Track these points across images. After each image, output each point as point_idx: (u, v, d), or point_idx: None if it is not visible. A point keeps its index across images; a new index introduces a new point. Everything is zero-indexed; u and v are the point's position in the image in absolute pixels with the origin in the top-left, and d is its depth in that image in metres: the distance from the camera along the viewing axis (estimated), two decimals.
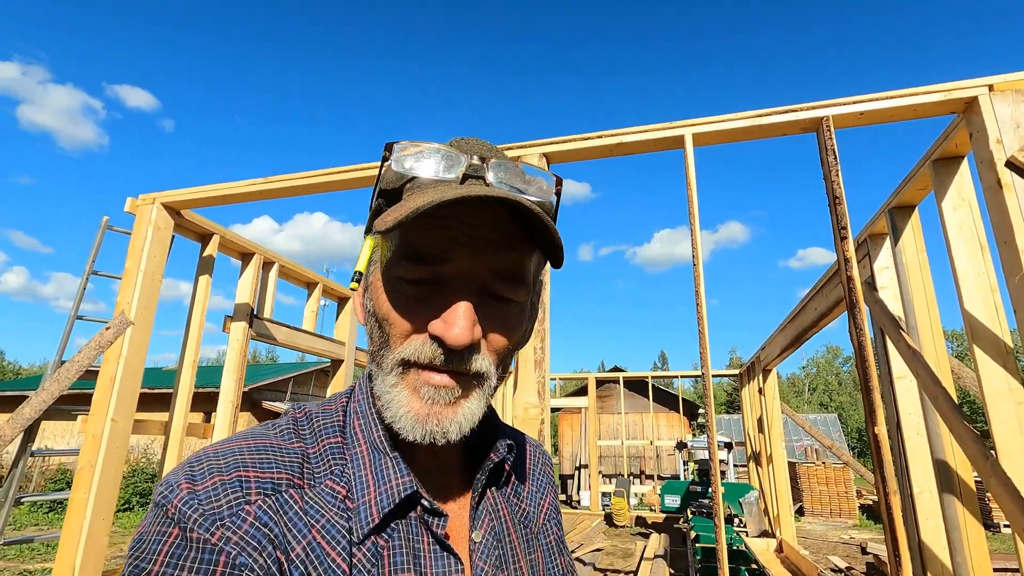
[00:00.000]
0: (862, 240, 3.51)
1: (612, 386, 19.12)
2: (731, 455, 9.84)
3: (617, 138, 2.46)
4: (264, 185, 3.14)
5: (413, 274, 0.50)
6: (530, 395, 2.29)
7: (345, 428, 0.58)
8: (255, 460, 0.50)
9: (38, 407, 3.03)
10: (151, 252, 3.20)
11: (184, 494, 0.45)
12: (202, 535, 0.44)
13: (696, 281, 2.30)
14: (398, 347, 0.52)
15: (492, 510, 0.62)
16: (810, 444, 20.09)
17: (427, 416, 0.51)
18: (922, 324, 2.90)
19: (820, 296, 4.67)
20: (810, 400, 54.55)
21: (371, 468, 0.54)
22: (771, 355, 7.16)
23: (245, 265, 4.08)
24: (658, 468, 17.75)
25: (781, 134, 2.36)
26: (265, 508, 0.47)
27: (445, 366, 0.50)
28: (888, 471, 1.79)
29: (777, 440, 7.85)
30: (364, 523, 0.51)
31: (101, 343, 3.05)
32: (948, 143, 2.41)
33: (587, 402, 11.73)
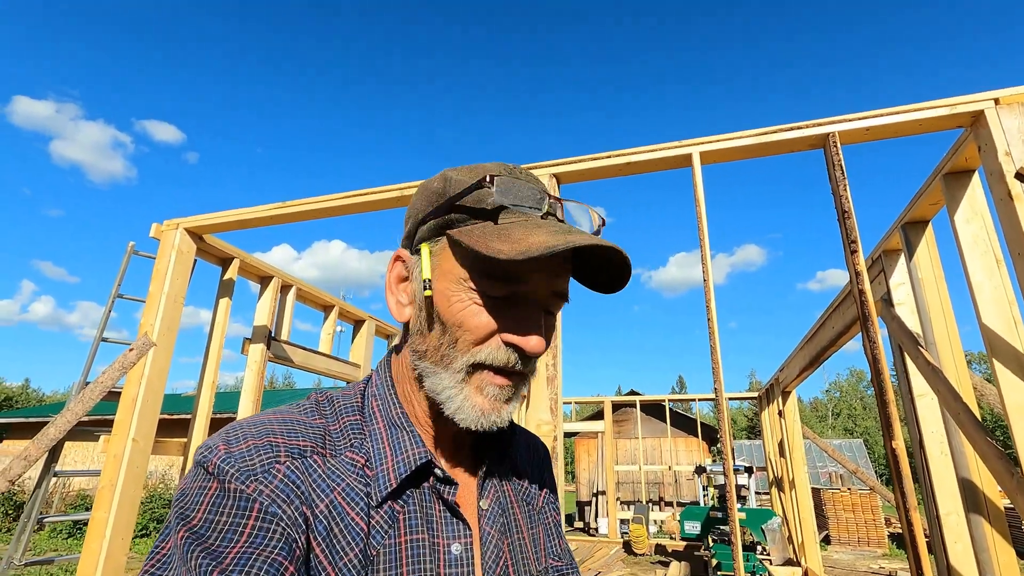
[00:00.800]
0: (877, 256, 3.49)
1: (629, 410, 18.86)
2: (752, 480, 9.60)
3: (626, 158, 2.51)
4: (282, 209, 3.24)
5: (495, 291, 0.57)
6: (543, 412, 2.30)
7: (363, 408, 0.64)
8: (283, 430, 0.56)
9: (63, 427, 3.10)
10: (174, 275, 3.30)
11: (222, 453, 0.51)
12: (238, 487, 0.49)
13: (707, 297, 2.31)
14: (470, 351, 0.58)
15: (497, 484, 0.68)
16: (835, 470, 19.51)
17: (490, 411, 0.58)
18: (940, 340, 2.86)
19: (837, 314, 4.62)
20: (834, 425, 53.10)
21: (388, 441, 0.60)
22: (790, 376, 7.05)
23: (264, 288, 4.17)
24: (677, 494, 17.34)
25: (788, 151, 2.39)
26: (293, 468, 0.53)
27: (513, 370, 0.58)
28: (907, 487, 1.76)
29: (799, 464, 7.66)
30: (382, 487, 0.56)
31: (124, 364, 3.13)
32: (958, 157, 2.42)
33: (603, 426, 11.58)
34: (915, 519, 1.74)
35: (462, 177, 0.60)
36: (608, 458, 11.41)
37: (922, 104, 2.19)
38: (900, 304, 3.25)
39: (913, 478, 2.97)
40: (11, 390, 46.64)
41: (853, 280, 2.10)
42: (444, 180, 0.61)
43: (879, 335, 1.97)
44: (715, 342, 2.18)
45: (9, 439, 18.22)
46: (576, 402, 12.27)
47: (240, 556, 0.47)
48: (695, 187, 2.44)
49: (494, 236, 0.55)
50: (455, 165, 0.66)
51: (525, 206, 0.59)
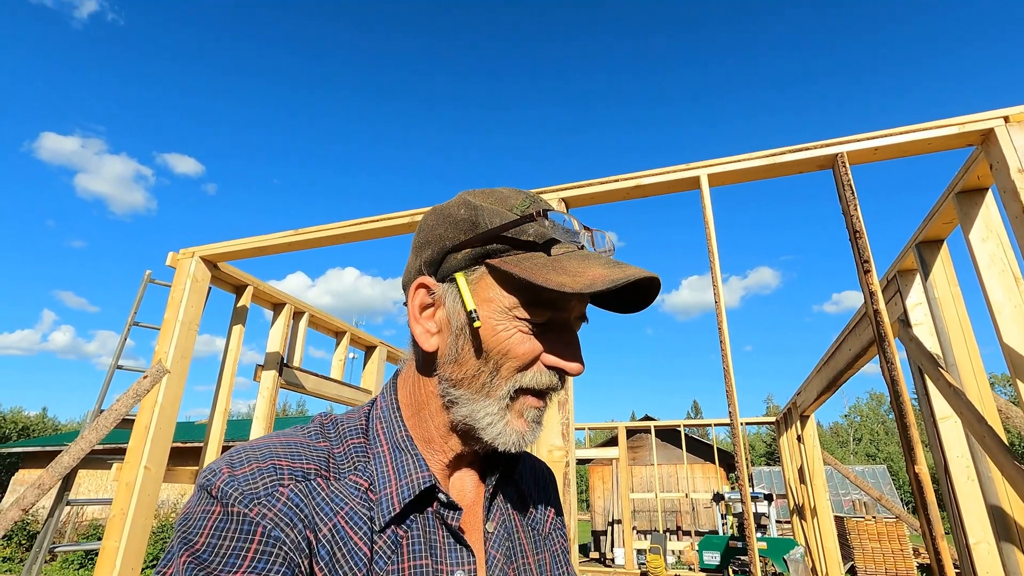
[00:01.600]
0: (892, 277, 3.44)
1: (643, 436, 18.54)
2: (772, 508, 9.33)
3: (633, 181, 2.52)
4: (295, 237, 3.28)
5: (540, 317, 0.59)
6: (554, 437, 2.27)
7: (368, 431, 0.64)
8: (287, 453, 0.56)
9: (76, 455, 3.12)
10: (189, 303, 3.34)
11: (226, 476, 0.52)
12: (242, 510, 0.50)
13: (719, 319, 2.28)
14: (514, 377, 0.59)
15: (503, 507, 0.68)
16: (858, 497, 18.95)
17: (527, 432, 0.60)
18: (961, 360, 2.79)
19: (853, 336, 4.54)
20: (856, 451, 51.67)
21: (392, 464, 0.60)
22: (807, 400, 6.90)
23: (276, 315, 4.21)
24: (695, 523, 16.89)
25: (797, 172, 2.39)
26: (296, 491, 0.53)
27: (552, 391, 0.61)
28: (933, 514, 1.70)
29: (820, 491, 7.44)
30: (385, 512, 0.56)
31: (139, 391, 3.15)
32: (970, 175, 2.40)
33: (618, 453, 11.38)
34: (943, 548, 1.67)
35: (490, 205, 0.61)
36: (623, 486, 11.18)
37: (930, 123, 2.19)
38: (918, 325, 3.19)
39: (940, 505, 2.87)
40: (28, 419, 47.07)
41: (868, 300, 2.07)
42: (471, 208, 0.61)
43: (896, 356, 1.93)
44: (728, 365, 2.15)
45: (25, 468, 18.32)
46: (589, 428, 12.09)
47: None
48: (704, 210, 2.44)
49: (550, 269, 0.57)
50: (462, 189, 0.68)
51: (570, 238, 0.62)
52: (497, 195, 0.63)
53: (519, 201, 0.62)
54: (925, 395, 3.08)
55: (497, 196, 0.63)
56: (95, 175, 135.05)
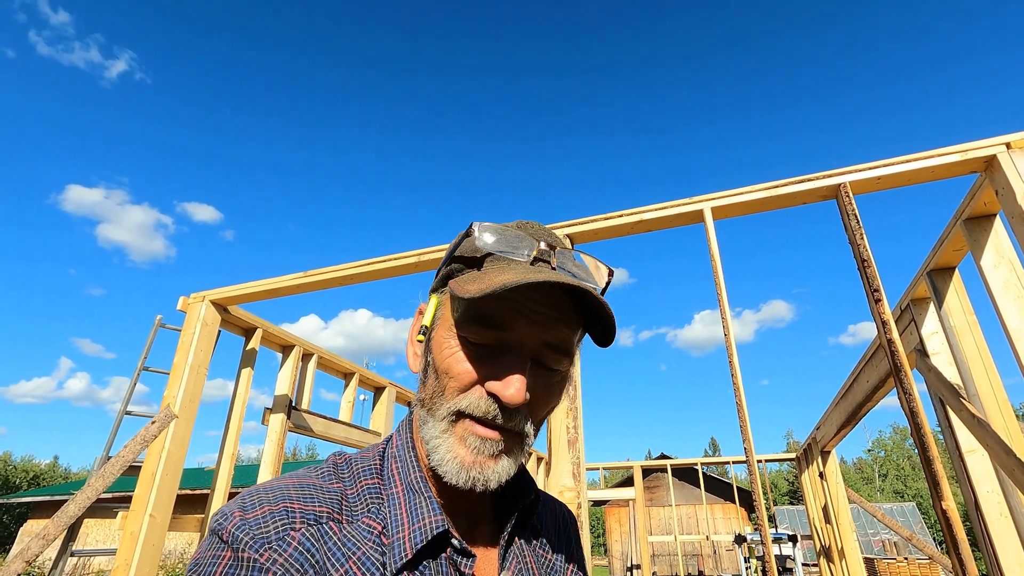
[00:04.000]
0: (905, 306, 3.39)
1: (660, 476, 18.04)
2: (797, 550, 8.96)
3: (637, 216, 2.54)
4: (305, 279, 3.31)
5: (479, 337, 0.57)
6: (565, 477, 2.21)
7: (383, 471, 0.63)
8: (299, 495, 0.55)
9: (83, 504, 3.08)
10: (198, 347, 3.36)
11: (237, 520, 0.51)
12: (252, 555, 0.49)
13: (729, 352, 2.25)
14: (454, 398, 0.57)
15: (519, 555, 0.65)
16: (888, 537, 18.15)
17: (472, 464, 0.56)
18: (983, 390, 2.71)
19: (870, 367, 4.44)
20: (882, 488, 49.82)
21: (406, 508, 0.58)
22: (827, 435, 6.71)
23: (285, 357, 4.21)
24: (718, 567, 16.21)
25: (800, 203, 2.39)
26: (308, 536, 0.52)
27: (495, 422, 0.56)
28: (965, 552, 1.61)
29: (847, 530, 7.14)
30: (398, 558, 0.54)
31: (146, 437, 3.13)
32: (976, 202, 2.39)
33: (634, 493, 11.05)
34: None
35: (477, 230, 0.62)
36: (641, 528, 10.80)
37: (933, 151, 2.19)
38: (936, 354, 3.12)
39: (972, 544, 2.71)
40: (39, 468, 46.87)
41: (880, 330, 2.03)
42: (461, 233, 0.63)
43: (914, 386, 1.88)
44: (740, 398, 2.10)
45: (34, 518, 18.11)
46: (604, 468, 11.79)
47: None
48: (709, 243, 2.44)
49: (472, 280, 0.56)
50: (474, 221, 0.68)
51: (513, 252, 0.59)
52: (500, 227, 0.62)
53: (506, 227, 0.62)
54: (948, 428, 2.99)
55: (499, 227, 0.62)
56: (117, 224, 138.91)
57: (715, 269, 2.39)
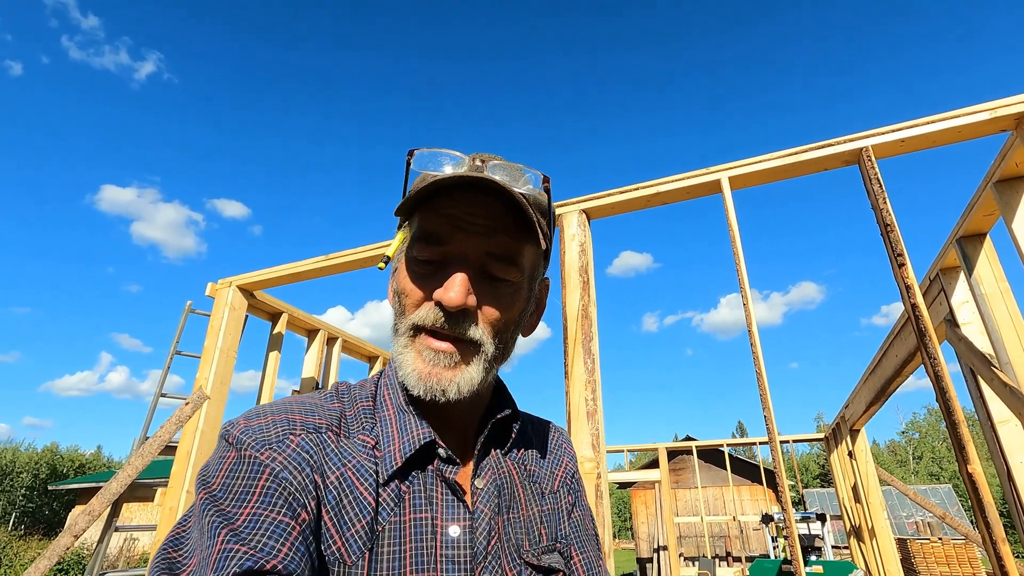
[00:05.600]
0: (934, 276, 3.30)
1: (686, 458, 17.97)
2: (826, 529, 8.86)
3: (653, 188, 2.52)
4: (327, 261, 3.38)
5: (424, 254, 0.61)
6: (585, 448, 2.23)
7: (376, 396, 0.68)
8: (301, 409, 0.61)
9: (123, 481, 3.22)
10: (227, 331, 3.46)
11: (242, 426, 0.56)
12: (253, 454, 0.53)
13: (749, 326, 2.23)
14: (410, 314, 0.62)
15: (495, 465, 0.69)
16: (922, 519, 17.82)
17: (428, 375, 0.60)
18: (1016, 359, 2.63)
19: (899, 340, 4.35)
20: (917, 470, 48.72)
21: (396, 425, 0.63)
22: (856, 413, 6.60)
23: (311, 341, 4.31)
24: (745, 547, 16.14)
25: (821, 169, 2.34)
26: (307, 440, 0.57)
27: (444, 330, 0.60)
28: (992, 516, 1.58)
29: (877, 509, 7.04)
30: (389, 466, 0.59)
31: (181, 418, 3.26)
32: (1007, 163, 2.31)
33: (659, 475, 11.04)
34: (1005, 553, 1.56)
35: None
36: (667, 510, 10.80)
37: (959, 111, 2.12)
38: (966, 324, 3.04)
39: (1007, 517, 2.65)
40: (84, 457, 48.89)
41: (904, 295, 1.99)
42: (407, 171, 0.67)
43: (939, 351, 1.84)
44: (761, 369, 2.09)
45: (80, 504, 18.97)
46: (628, 450, 11.79)
47: (250, 518, 0.49)
48: (727, 213, 2.41)
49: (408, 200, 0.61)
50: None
51: (440, 172, 0.62)
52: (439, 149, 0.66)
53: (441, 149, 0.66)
54: (980, 398, 2.92)
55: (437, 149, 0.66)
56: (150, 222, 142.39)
57: (733, 240, 2.36)
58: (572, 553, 0.73)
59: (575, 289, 2.48)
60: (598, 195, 2.62)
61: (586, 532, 0.76)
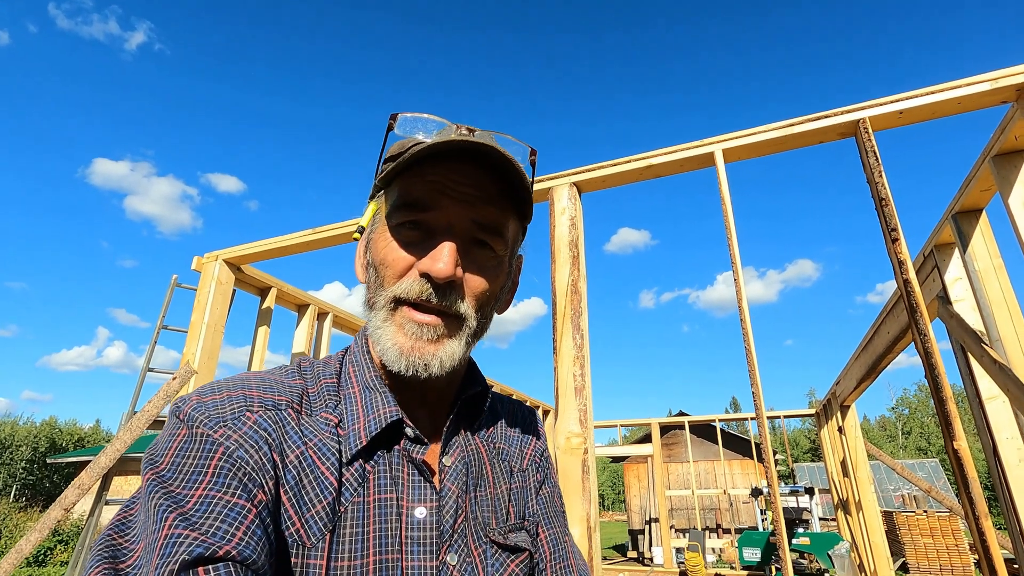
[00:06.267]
0: (928, 252, 3.28)
1: (678, 432, 18.20)
2: (814, 502, 9.03)
3: (645, 161, 2.46)
4: (316, 235, 3.32)
5: (408, 218, 0.58)
6: (572, 424, 2.22)
7: (341, 374, 0.65)
8: (259, 385, 0.57)
9: (113, 455, 3.22)
10: (214, 305, 3.42)
11: (194, 403, 0.52)
12: (206, 432, 0.50)
13: (739, 299, 2.20)
14: (391, 286, 0.58)
15: (464, 443, 0.67)
16: (909, 492, 18.19)
17: (411, 349, 0.57)
18: (1007, 335, 2.63)
19: (891, 317, 4.35)
20: (905, 445, 49.62)
21: (361, 403, 0.60)
22: (847, 389, 6.65)
23: (301, 316, 4.27)
24: (735, 520, 16.48)
25: (817, 142, 2.29)
26: (266, 418, 0.54)
27: (430, 303, 0.57)
28: (975, 491, 1.58)
29: (865, 483, 7.15)
30: (353, 445, 0.57)
31: (168, 392, 3.24)
32: (1006, 136, 2.26)
33: (652, 450, 11.19)
34: (987, 527, 1.56)
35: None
36: (659, 483, 10.98)
37: (960, 81, 2.06)
38: (959, 301, 3.03)
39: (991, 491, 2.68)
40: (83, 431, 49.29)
41: (896, 271, 1.96)
42: (386, 130, 0.63)
43: (930, 326, 1.82)
44: (749, 343, 2.07)
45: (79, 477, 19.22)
46: (622, 425, 11.93)
47: (201, 500, 0.46)
48: (720, 187, 2.36)
49: (395, 166, 0.57)
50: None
51: (427, 139, 0.59)
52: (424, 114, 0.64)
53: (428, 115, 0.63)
54: (969, 375, 2.92)
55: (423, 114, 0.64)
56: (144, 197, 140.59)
57: (726, 215, 2.32)
58: (539, 530, 0.71)
59: (565, 264, 2.44)
60: (589, 167, 2.56)
61: (554, 509, 0.75)
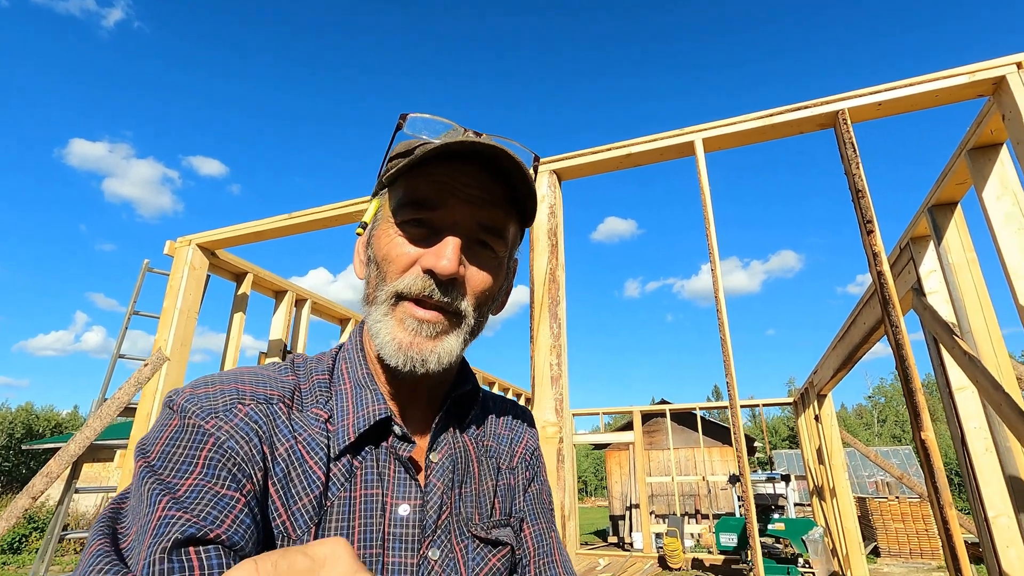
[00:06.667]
0: (904, 244, 3.31)
1: (660, 420, 18.43)
2: (791, 489, 9.21)
3: (625, 149, 2.44)
4: (291, 220, 3.26)
5: (415, 215, 0.59)
6: (548, 413, 2.22)
7: (333, 371, 0.65)
8: (251, 380, 0.58)
9: (82, 443, 3.15)
10: (187, 291, 3.34)
11: (187, 394, 0.53)
12: (198, 422, 0.51)
13: (716, 287, 2.20)
14: (393, 281, 0.59)
15: (452, 441, 0.67)
16: (882, 478, 18.64)
17: (410, 345, 0.58)
18: (977, 326, 2.67)
19: (868, 309, 4.40)
20: (881, 433, 50.85)
21: (352, 400, 0.61)
22: (824, 379, 6.76)
23: (279, 302, 4.21)
24: (713, 506, 16.78)
25: (796, 132, 2.28)
26: (256, 411, 0.55)
27: (432, 299, 0.58)
28: (940, 480, 1.61)
29: (839, 471, 7.31)
30: (341, 441, 0.58)
31: (140, 379, 3.17)
32: (983, 130, 2.27)
33: (633, 437, 11.31)
34: (951, 516, 1.59)
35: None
36: (640, 470, 11.12)
37: (938, 73, 2.06)
38: (932, 293, 3.07)
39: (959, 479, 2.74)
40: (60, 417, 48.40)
41: (871, 262, 1.97)
42: (394, 129, 0.65)
43: (901, 318, 1.84)
44: (725, 333, 2.07)
45: None
46: (604, 413, 12.03)
47: (192, 487, 0.47)
48: (699, 176, 2.35)
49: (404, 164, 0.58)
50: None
51: (436, 140, 0.60)
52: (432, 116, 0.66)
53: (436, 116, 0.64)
54: (941, 365, 2.97)
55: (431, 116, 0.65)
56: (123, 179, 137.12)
57: (704, 204, 2.31)
58: (524, 526, 0.72)
59: (543, 252, 2.42)
60: (569, 155, 2.54)
61: (541, 505, 0.75)
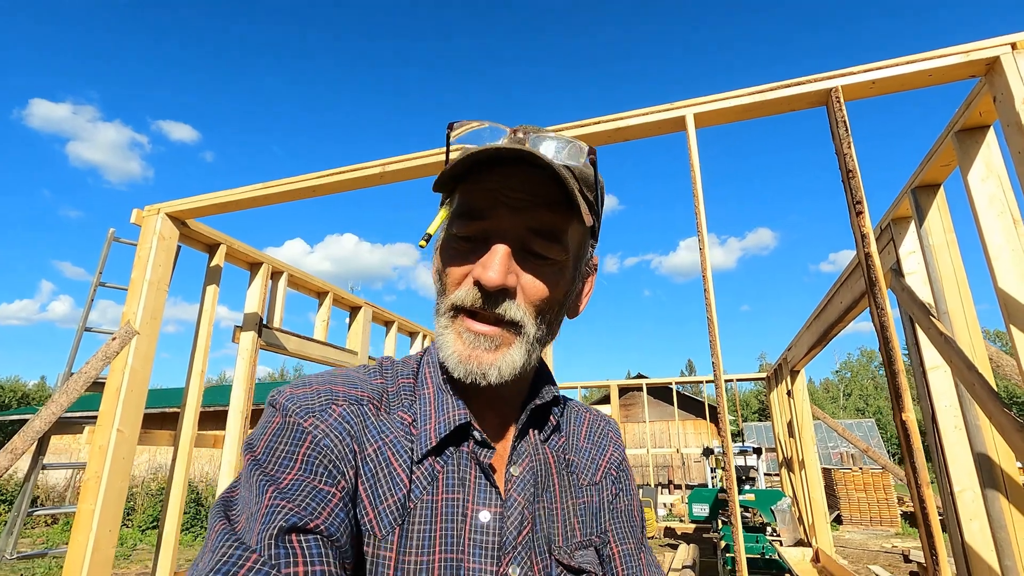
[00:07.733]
0: (886, 225, 3.33)
1: (636, 394, 18.77)
2: (761, 461, 9.49)
3: (615, 123, 2.37)
4: (266, 190, 3.12)
5: (463, 230, 0.60)
6: None
7: (418, 374, 0.68)
8: (344, 382, 0.62)
9: (48, 419, 3.04)
10: (156, 262, 3.21)
11: (287, 394, 0.57)
12: (297, 421, 0.55)
13: (703, 264, 2.18)
14: (450, 294, 0.60)
15: (533, 452, 0.67)
16: (846, 450, 19.38)
17: (468, 358, 0.58)
18: (954, 308, 2.71)
19: (845, 288, 4.47)
20: (846, 406, 52.76)
21: (434, 404, 0.63)
22: (798, 355, 6.90)
23: (254, 275, 4.08)
24: (686, 477, 17.29)
25: (788, 109, 2.24)
26: (349, 412, 0.58)
27: (483, 311, 0.58)
28: (919, 461, 1.63)
29: (809, 444, 7.54)
30: (424, 445, 0.60)
31: (107, 353, 3.05)
32: (971, 111, 2.26)
33: (610, 410, 11.49)
34: (928, 496, 1.62)
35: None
36: None
37: (932, 53, 2.03)
38: (911, 274, 3.11)
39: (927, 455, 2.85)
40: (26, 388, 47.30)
41: (859, 244, 1.96)
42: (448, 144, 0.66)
43: (887, 300, 1.84)
44: (712, 313, 2.05)
45: None
46: (582, 386, 12.18)
47: (293, 481, 0.50)
48: (690, 152, 2.30)
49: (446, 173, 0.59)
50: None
51: (484, 143, 0.60)
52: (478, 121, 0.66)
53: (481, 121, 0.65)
54: (915, 345, 3.02)
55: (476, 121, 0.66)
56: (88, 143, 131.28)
57: (694, 181, 2.27)
58: (611, 547, 0.70)
59: None
60: (556, 128, 2.45)
61: (631, 522, 0.74)
